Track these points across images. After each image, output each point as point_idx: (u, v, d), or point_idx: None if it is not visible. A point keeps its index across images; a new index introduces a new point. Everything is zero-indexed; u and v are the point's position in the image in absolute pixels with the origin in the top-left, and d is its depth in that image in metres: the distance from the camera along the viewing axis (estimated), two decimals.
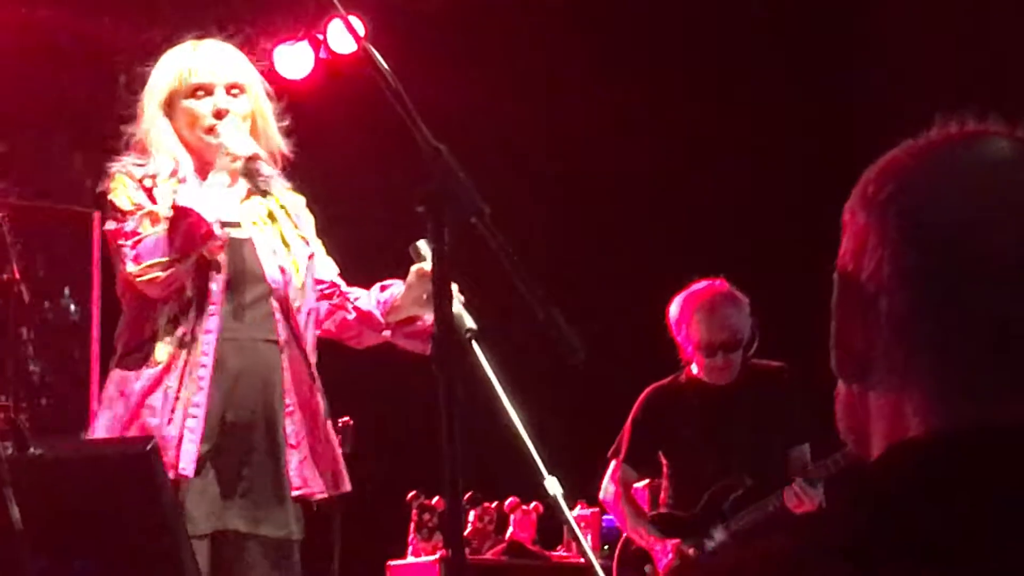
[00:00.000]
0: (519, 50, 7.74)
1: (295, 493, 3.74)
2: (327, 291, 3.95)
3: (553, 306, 2.53)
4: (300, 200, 4.00)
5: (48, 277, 7.20)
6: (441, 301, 2.42)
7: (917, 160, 1.28)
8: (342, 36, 6.97)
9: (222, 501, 3.65)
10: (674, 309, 5.42)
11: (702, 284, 5.43)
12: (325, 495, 3.81)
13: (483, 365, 2.98)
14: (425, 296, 3.60)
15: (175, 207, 3.62)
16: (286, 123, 3.94)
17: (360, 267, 4.14)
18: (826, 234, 1.43)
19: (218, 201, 3.66)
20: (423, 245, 3.45)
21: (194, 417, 3.62)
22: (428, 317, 3.66)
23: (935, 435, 1.21)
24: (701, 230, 7.68)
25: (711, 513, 5.40)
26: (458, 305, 3.35)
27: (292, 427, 3.74)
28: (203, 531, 3.59)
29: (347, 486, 3.87)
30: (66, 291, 7.24)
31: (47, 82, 6.96)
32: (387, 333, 3.86)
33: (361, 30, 6.59)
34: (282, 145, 3.92)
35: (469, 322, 3.19)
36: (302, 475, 3.75)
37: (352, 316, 3.90)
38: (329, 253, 4.05)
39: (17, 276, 5.53)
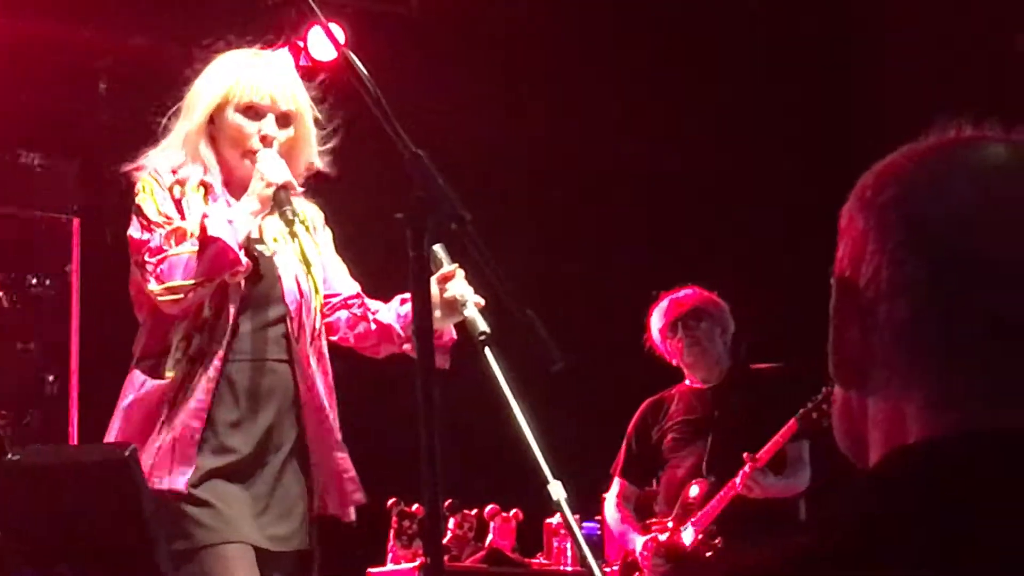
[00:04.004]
0: (501, 54, 7.73)
1: (316, 510, 3.73)
2: (349, 301, 3.88)
3: (533, 313, 2.53)
4: (319, 214, 3.94)
5: (26, 284, 7.16)
6: (421, 308, 2.42)
7: (916, 164, 1.27)
8: (322, 43, 6.96)
9: (252, 519, 3.59)
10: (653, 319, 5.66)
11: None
12: (338, 515, 3.79)
13: (493, 369, 2.97)
14: (442, 302, 3.48)
15: (203, 235, 3.54)
16: (331, 145, 3.85)
17: None
18: (823, 238, 1.42)
19: (243, 223, 3.58)
20: (439, 250, 3.40)
21: (189, 432, 3.56)
22: (450, 330, 3.61)
23: (939, 439, 1.20)
24: (697, 234, 7.67)
25: (684, 512, 5.46)
26: (472, 309, 3.34)
27: (313, 446, 3.72)
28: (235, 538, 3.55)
29: (352, 514, 3.82)
30: (44, 298, 7.20)
31: (27, 89, 6.93)
32: (407, 347, 3.75)
33: (341, 37, 6.60)
34: (316, 164, 3.84)
35: (482, 326, 3.17)
36: (322, 494, 3.74)
37: (373, 328, 3.82)
38: None
39: None
